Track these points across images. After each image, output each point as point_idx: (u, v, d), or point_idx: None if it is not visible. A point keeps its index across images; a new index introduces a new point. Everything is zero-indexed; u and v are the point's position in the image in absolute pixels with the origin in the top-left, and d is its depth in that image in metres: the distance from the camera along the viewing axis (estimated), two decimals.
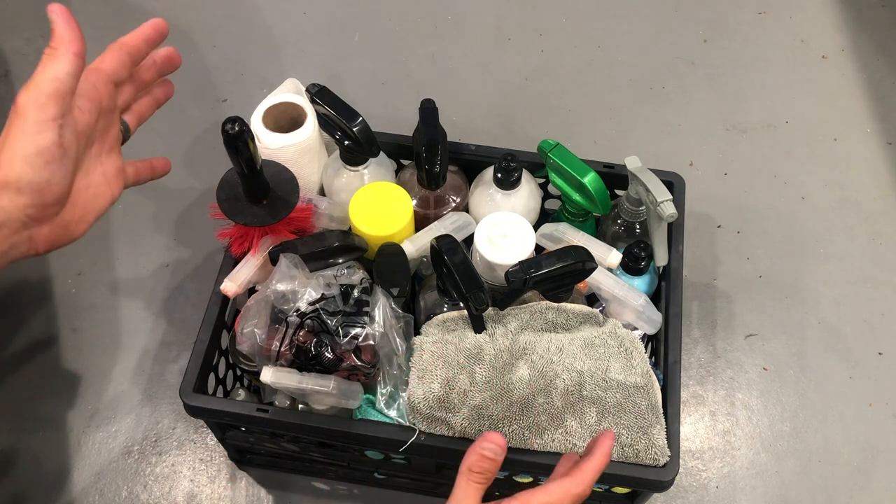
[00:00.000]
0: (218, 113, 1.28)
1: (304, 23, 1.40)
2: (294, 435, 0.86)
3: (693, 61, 1.36)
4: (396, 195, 0.88)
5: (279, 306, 0.78)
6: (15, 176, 0.55)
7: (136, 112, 0.71)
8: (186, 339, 1.08)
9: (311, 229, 0.88)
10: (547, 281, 0.78)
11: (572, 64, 1.36)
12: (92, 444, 1.02)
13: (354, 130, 0.84)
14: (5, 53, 1.35)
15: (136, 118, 0.71)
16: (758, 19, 1.41)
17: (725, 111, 1.30)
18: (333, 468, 0.95)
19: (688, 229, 0.92)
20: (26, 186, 0.56)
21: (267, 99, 0.91)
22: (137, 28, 0.66)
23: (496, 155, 0.91)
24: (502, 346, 0.79)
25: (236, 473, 1.00)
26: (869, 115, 1.29)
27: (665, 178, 0.89)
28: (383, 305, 0.78)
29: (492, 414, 0.76)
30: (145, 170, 0.73)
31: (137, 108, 0.71)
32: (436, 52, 1.37)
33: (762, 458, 1.01)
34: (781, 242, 1.17)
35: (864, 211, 1.20)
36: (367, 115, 0.85)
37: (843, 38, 1.38)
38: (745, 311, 1.12)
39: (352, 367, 0.78)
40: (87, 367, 1.06)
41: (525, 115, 1.29)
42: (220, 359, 0.88)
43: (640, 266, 0.86)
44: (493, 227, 0.83)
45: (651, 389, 0.78)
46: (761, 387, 1.06)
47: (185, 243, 1.16)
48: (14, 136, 0.56)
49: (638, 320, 0.84)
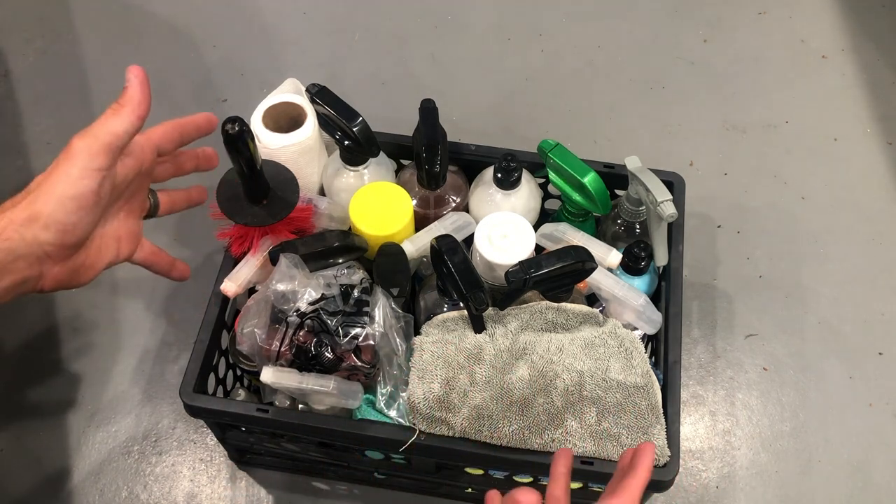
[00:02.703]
0: (218, 113, 1.27)
1: (304, 23, 1.40)
2: (294, 435, 0.86)
3: (693, 61, 1.36)
4: (396, 195, 0.88)
5: (279, 306, 0.78)
6: (47, 212, 0.58)
7: (170, 200, 0.73)
8: (186, 339, 1.08)
9: (311, 229, 0.88)
10: (547, 281, 0.78)
11: (572, 64, 1.36)
12: (92, 444, 1.02)
13: (354, 130, 0.84)
14: (5, 53, 1.35)
15: (169, 206, 0.73)
16: (758, 19, 1.41)
17: (725, 111, 1.30)
18: (333, 468, 0.95)
19: (688, 229, 0.92)
20: (53, 224, 0.58)
21: (267, 99, 0.91)
22: (192, 115, 0.71)
23: (496, 155, 0.91)
24: (502, 346, 0.79)
25: (236, 473, 1.00)
26: (869, 115, 1.29)
27: (665, 178, 0.89)
28: (383, 305, 0.78)
29: (492, 414, 0.76)
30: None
31: (172, 198, 0.73)
32: (436, 52, 1.37)
33: (762, 458, 1.01)
34: (781, 242, 1.17)
35: (864, 211, 1.20)
36: (367, 115, 0.85)
37: (843, 38, 1.38)
38: (745, 311, 1.12)
39: (352, 367, 0.78)
40: (87, 367, 1.06)
41: (525, 115, 1.29)
42: (220, 359, 0.88)
43: (640, 266, 0.86)
44: (493, 227, 0.83)
45: (651, 389, 0.78)
46: (761, 387, 1.06)
47: (185, 243, 1.16)
48: (58, 176, 0.59)
49: (638, 320, 0.84)
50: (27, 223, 0.58)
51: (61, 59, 1.34)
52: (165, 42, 1.37)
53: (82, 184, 0.59)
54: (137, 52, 1.35)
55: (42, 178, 0.60)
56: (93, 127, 0.61)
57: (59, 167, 0.59)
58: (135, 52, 1.35)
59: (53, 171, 0.59)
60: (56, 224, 0.59)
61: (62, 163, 0.59)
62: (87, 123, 0.62)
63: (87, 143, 0.60)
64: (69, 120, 1.26)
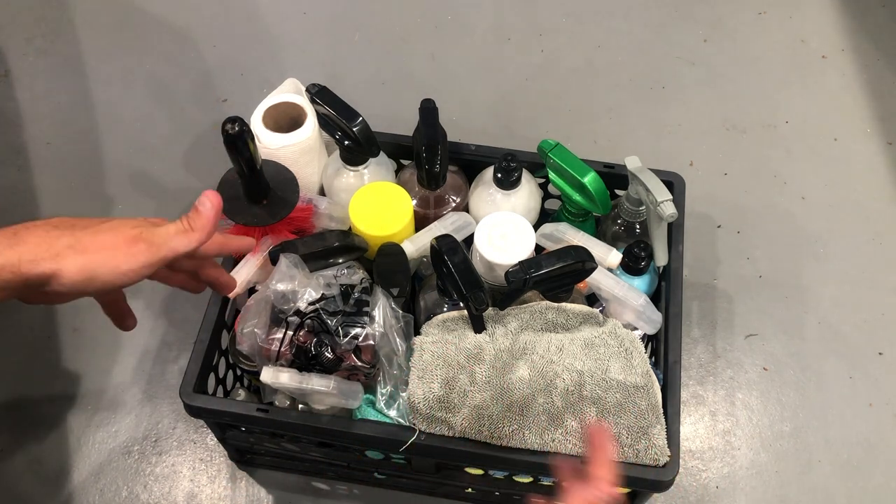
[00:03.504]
0: (218, 113, 1.28)
1: (304, 23, 1.40)
2: (294, 435, 0.86)
3: (693, 61, 1.36)
4: (396, 195, 0.88)
5: (279, 306, 0.78)
6: (70, 279, 0.56)
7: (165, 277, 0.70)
8: (186, 339, 1.08)
9: (311, 229, 0.88)
10: (547, 281, 0.78)
11: (572, 64, 1.36)
12: (92, 444, 1.02)
13: (354, 130, 0.84)
14: (5, 53, 1.35)
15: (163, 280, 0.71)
16: (758, 19, 1.41)
17: (725, 111, 1.30)
18: (333, 468, 0.95)
19: (688, 229, 0.92)
20: (69, 287, 0.57)
21: (267, 99, 0.91)
22: (239, 238, 0.74)
23: (496, 155, 0.91)
24: (502, 346, 0.79)
25: (236, 473, 1.00)
26: (869, 115, 1.29)
27: (665, 178, 0.89)
28: (383, 305, 0.78)
29: (492, 414, 0.76)
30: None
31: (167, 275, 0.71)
32: (436, 52, 1.37)
33: (762, 458, 1.01)
34: (781, 242, 1.17)
35: (864, 211, 1.20)
36: (367, 115, 0.85)
37: (843, 38, 1.38)
38: (745, 311, 1.12)
39: (352, 367, 0.78)
40: (87, 367, 1.06)
41: (525, 115, 1.30)
42: (220, 359, 0.88)
43: (640, 266, 0.86)
44: (493, 227, 0.83)
45: (651, 389, 0.78)
46: (761, 387, 1.06)
47: None
48: (103, 258, 0.57)
49: (638, 320, 0.84)
50: (46, 276, 0.56)
51: (61, 59, 1.34)
52: (165, 42, 1.37)
53: (122, 279, 0.58)
54: (137, 52, 1.35)
55: (80, 233, 0.57)
56: (158, 233, 0.60)
57: (106, 250, 0.57)
58: (135, 52, 1.35)
59: (98, 244, 0.57)
60: (72, 289, 0.57)
61: (120, 245, 0.58)
62: (87, 123, 0.61)
63: (148, 250, 0.59)
64: (69, 120, 1.26)
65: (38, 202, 1.18)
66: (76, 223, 0.59)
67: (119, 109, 1.28)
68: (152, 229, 0.60)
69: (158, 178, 1.22)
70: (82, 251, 0.57)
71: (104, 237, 0.58)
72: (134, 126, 1.26)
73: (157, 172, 1.22)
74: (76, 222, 0.59)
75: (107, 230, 0.59)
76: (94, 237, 0.58)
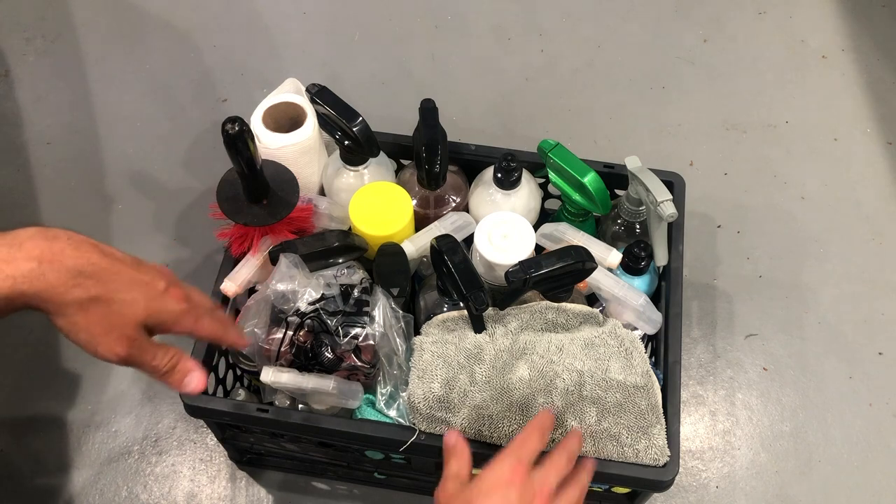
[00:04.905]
0: (218, 113, 1.28)
1: (304, 23, 1.40)
2: (294, 435, 0.86)
3: (693, 61, 1.36)
4: (396, 195, 0.88)
5: (279, 306, 0.78)
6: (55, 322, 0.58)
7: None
8: (186, 339, 1.08)
9: (311, 229, 0.88)
10: (547, 281, 0.78)
11: (572, 64, 1.36)
12: (92, 444, 1.02)
13: (354, 130, 0.84)
14: (5, 53, 1.35)
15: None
16: (757, 19, 1.41)
17: (725, 111, 1.30)
18: (333, 468, 0.95)
19: (688, 229, 0.92)
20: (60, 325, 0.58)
21: (267, 99, 0.91)
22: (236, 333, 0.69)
23: (496, 155, 0.91)
24: (502, 345, 0.79)
25: (236, 473, 1.00)
26: (869, 115, 1.29)
27: (665, 178, 0.89)
28: (383, 305, 0.78)
29: (492, 414, 0.76)
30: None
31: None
32: (436, 52, 1.37)
33: (762, 458, 1.01)
34: (781, 242, 1.17)
35: (864, 211, 1.20)
36: (367, 115, 0.85)
37: (843, 38, 1.38)
38: (745, 311, 1.12)
39: (352, 367, 0.78)
40: (87, 367, 1.06)
41: (525, 115, 1.29)
42: (220, 359, 0.88)
43: (640, 266, 0.86)
44: (493, 227, 0.83)
45: (651, 389, 0.78)
46: (761, 387, 1.06)
47: (185, 243, 1.15)
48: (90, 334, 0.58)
49: (638, 320, 0.84)
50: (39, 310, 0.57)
51: (61, 59, 1.34)
52: (165, 42, 1.37)
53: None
54: (137, 52, 1.35)
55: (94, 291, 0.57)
56: (146, 356, 0.60)
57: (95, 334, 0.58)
58: (135, 52, 1.35)
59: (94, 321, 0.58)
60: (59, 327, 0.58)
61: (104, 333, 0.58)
62: (87, 123, 0.61)
63: (129, 356, 0.59)
64: (69, 120, 1.26)
65: (38, 202, 1.18)
66: (102, 274, 0.57)
67: (119, 109, 1.28)
68: (148, 349, 0.60)
69: (158, 178, 1.22)
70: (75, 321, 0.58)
71: (103, 320, 0.57)
72: (134, 126, 1.26)
73: (157, 172, 1.22)
74: (101, 272, 0.57)
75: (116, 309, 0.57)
76: (96, 311, 0.57)
